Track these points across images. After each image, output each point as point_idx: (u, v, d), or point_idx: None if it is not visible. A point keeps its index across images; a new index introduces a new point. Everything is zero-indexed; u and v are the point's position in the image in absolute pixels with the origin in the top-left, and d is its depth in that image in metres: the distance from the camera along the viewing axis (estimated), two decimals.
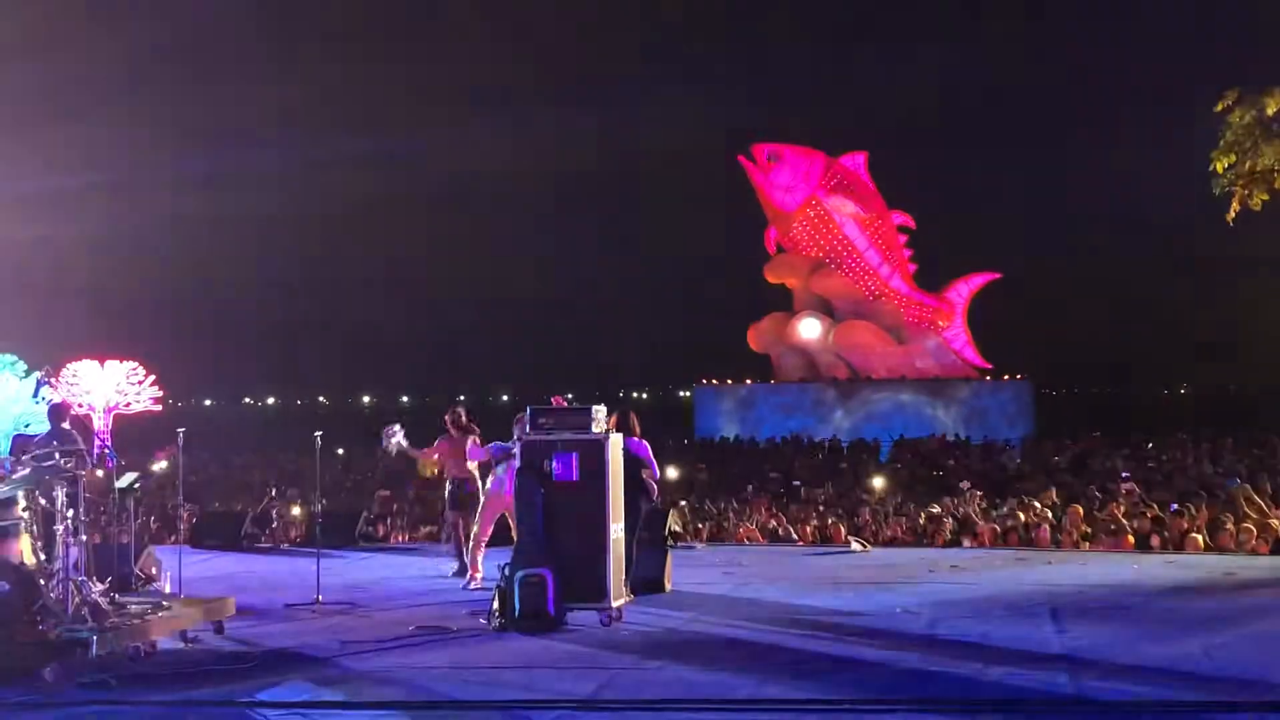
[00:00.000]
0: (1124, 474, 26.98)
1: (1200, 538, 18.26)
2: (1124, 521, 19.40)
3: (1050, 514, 20.77)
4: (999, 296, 64.12)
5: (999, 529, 19.81)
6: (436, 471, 16.66)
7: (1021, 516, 20.54)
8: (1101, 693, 9.26)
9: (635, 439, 14.16)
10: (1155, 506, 20.71)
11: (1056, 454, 37.04)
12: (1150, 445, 38.80)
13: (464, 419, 16.32)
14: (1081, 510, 20.71)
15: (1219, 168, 16.26)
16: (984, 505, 22.58)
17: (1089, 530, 19.49)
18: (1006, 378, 60.56)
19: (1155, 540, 18.50)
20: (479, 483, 16.03)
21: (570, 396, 13.66)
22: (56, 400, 15.89)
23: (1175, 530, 18.74)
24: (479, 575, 15.02)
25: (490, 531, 15.36)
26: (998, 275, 62.52)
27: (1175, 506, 20.24)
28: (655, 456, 14.93)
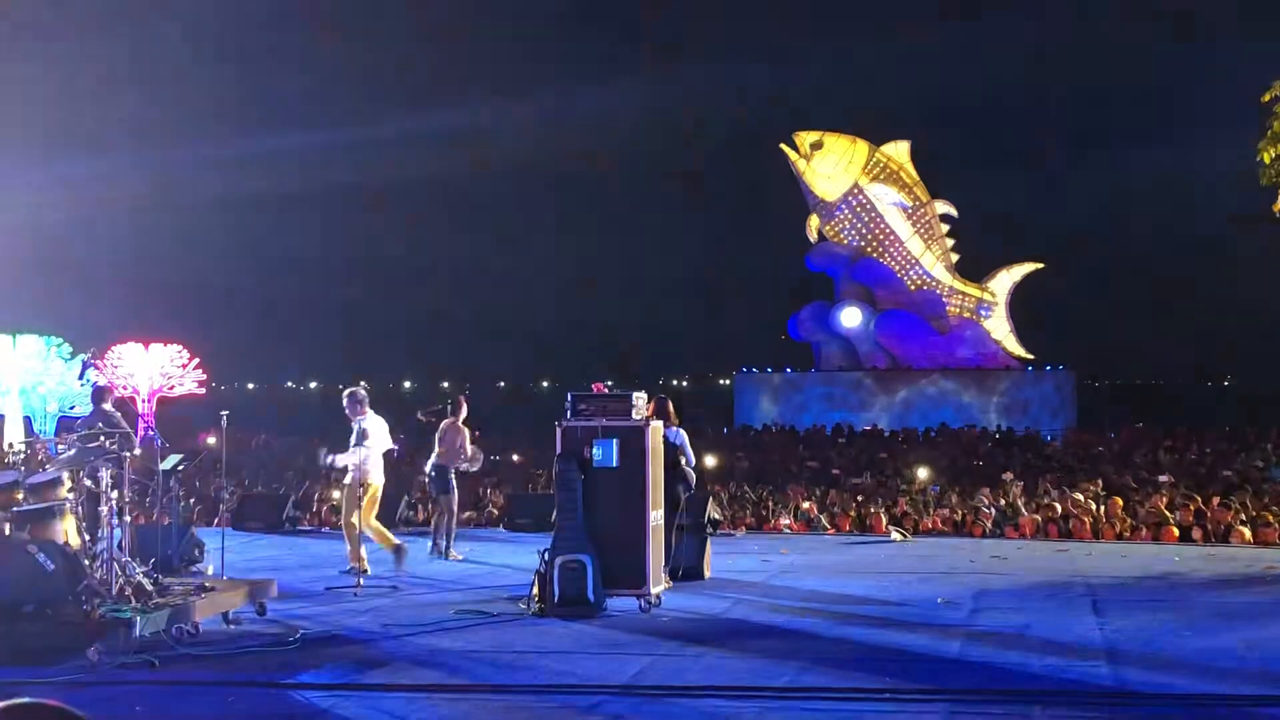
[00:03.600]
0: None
1: (1245, 530, 18.13)
2: (1166, 513, 19.28)
3: (1092, 505, 20.64)
4: (1042, 286, 63.68)
5: (1040, 520, 19.71)
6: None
7: (1060, 508, 20.43)
8: (1143, 685, 9.22)
9: (673, 428, 14.17)
10: (1198, 499, 20.56)
11: (1099, 445, 36.81)
12: (1195, 438, 38.50)
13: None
14: (1122, 502, 20.59)
15: (1266, 158, 16.09)
16: (1025, 496, 22.46)
17: (1130, 522, 19.38)
18: (1049, 368, 60.16)
19: (1197, 533, 18.37)
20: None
21: (610, 383, 13.65)
22: (101, 383, 16.04)
23: (1218, 523, 18.60)
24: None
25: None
26: (1041, 265, 62.11)
27: (1218, 500, 20.09)
28: (694, 444, 14.96)
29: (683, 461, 14.43)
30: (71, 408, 38.08)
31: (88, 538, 11.19)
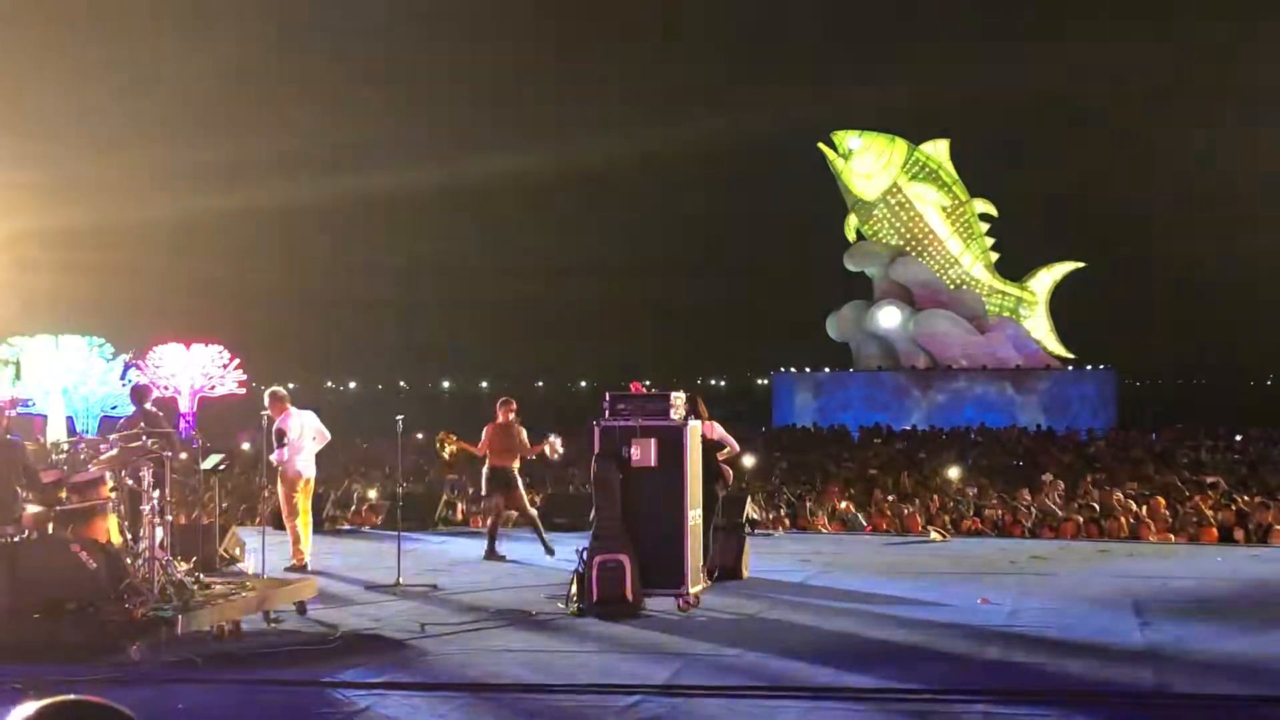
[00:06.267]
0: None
1: None
2: (1208, 514, 19.13)
3: (1133, 505, 20.51)
4: (1082, 285, 63.40)
5: (1081, 520, 19.59)
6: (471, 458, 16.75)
7: (1101, 508, 20.31)
8: (1185, 687, 9.15)
9: (707, 423, 14.13)
10: (1241, 499, 20.40)
11: (1140, 445, 36.59)
12: (1237, 437, 38.24)
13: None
14: (1164, 502, 20.44)
15: None
16: (1066, 496, 22.35)
17: (1172, 522, 19.24)
18: (1089, 367, 59.85)
19: (1239, 533, 18.22)
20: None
21: (648, 383, 13.66)
22: (141, 382, 16.15)
23: (1261, 523, 18.45)
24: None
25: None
26: (1082, 264, 61.80)
27: (1259, 499, 19.93)
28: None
29: (721, 456, 14.36)
30: (113, 407, 38.49)
31: (130, 536, 11.27)
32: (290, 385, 15.79)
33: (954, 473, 27.52)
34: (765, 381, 78.70)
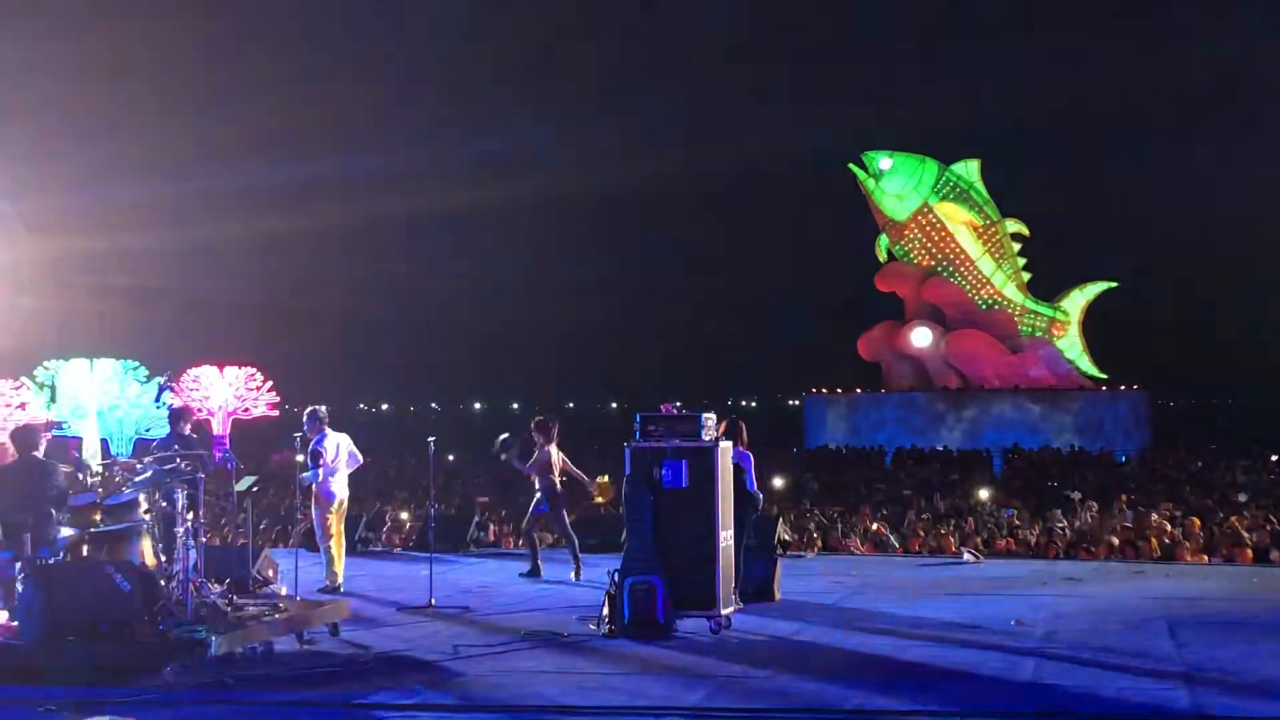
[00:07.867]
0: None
1: None
2: (1243, 533, 19.00)
3: (1168, 526, 20.39)
4: (1115, 305, 63.12)
5: (1115, 541, 19.48)
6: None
7: (1136, 529, 20.19)
8: (1222, 708, 9.08)
9: (740, 449, 14.12)
10: (1276, 521, 20.24)
11: (1174, 466, 36.39)
12: (1275, 458, 37.95)
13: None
14: (1199, 522, 20.31)
15: None
16: (1100, 517, 22.24)
17: (1207, 543, 19.11)
18: (1123, 388, 59.53)
19: (1275, 554, 18.08)
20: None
21: (679, 404, 13.65)
22: (177, 405, 16.25)
23: None
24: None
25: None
26: (1115, 284, 61.54)
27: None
28: (762, 467, 14.90)
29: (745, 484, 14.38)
30: (148, 430, 38.70)
31: (164, 558, 11.34)
32: (323, 407, 15.78)
33: (984, 494, 27.44)
34: (796, 402, 78.48)
